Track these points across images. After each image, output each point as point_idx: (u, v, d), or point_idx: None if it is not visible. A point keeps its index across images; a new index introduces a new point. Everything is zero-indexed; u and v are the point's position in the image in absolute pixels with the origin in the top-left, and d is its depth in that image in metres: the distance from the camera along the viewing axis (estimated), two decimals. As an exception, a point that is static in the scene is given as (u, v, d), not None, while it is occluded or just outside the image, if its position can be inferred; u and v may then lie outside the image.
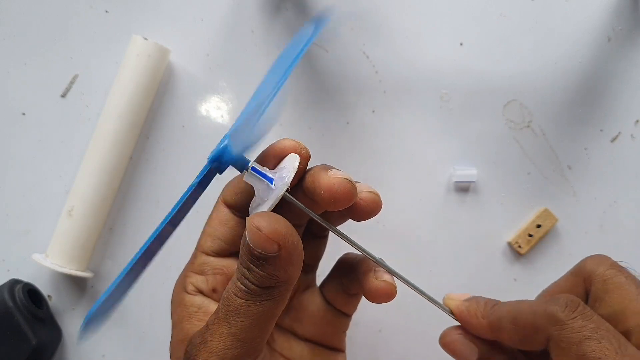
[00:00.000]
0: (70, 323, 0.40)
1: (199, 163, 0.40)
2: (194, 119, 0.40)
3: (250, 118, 0.24)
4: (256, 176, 0.24)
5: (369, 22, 0.40)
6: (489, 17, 0.39)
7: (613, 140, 0.40)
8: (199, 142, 0.40)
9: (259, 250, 0.21)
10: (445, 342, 0.28)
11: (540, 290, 0.40)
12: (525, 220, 0.40)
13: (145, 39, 0.38)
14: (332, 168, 0.24)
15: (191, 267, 0.27)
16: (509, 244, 0.40)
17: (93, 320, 0.23)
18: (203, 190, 0.24)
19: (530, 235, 0.39)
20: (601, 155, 0.40)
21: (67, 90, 0.40)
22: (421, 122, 0.40)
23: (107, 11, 0.40)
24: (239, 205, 0.26)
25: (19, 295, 0.37)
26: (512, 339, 0.24)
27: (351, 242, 0.25)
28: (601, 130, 0.40)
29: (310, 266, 0.29)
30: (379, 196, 0.25)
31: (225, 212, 0.26)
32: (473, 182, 0.39)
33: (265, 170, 0.24)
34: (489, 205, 0.40)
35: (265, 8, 0.40)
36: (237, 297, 0.22)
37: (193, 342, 0.23)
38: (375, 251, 0.29)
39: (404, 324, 0.40)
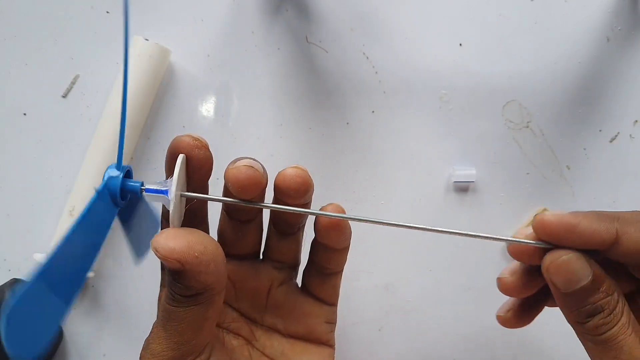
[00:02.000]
0: (71, 322, 0.40)
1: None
2: (195, 119, 0.40)
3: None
4: (152, 195, 0.24)
5: (368, 23, 0.40)
6: (489, 18, 0.39)
7: (612, 140, 0.40)
8: (200, 142, 0.40)
9: (167, 267, 0.22)
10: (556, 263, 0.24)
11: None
12: (524, 220, 0.40)
13: (146, 39, 0.38)
14: (243, 158, 0.24)
15: (162, 282, 0.29)
16: (508, 244, 0.40)
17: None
18: (108, 224, 0.23)
19: (530, 235, 0.39)
20: (600, 156, 0.40)
21: (68, 90, 0.40)
22: (421, 123, 0.40)
23: (108, 12, 0.40)
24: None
25: (20, 295, 0.37)
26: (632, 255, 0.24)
27: (294, 211, 0.25)
28: (600, 131, 0.40)
29: (282, 263, 0.29)
30: (305, 171, 0.25)
31: None
32: (472, 182, 0.40)
33: (158, 184, 0.24)
34: (488, 205, 0.40)
35: (265, 9, 0.40)
36: (168, 304, 0.23)
37: (143, 345, 0.25)
38: (375, 251, 0.29)
39: (404, 323, 0.40)
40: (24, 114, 0.40)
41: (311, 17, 0.40)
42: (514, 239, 0.25)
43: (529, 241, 0.25)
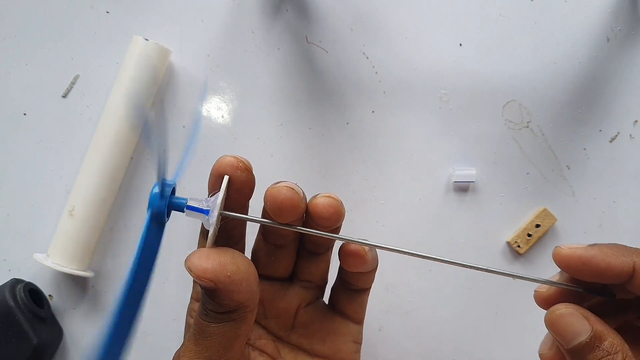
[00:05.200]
0: (71, 322, 0.40)
1: (199, 163, 0.40)
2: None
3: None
4: (193, 212, 0.24)
5: (368, 23, 0.40)
6: (489, 18, 0.39)
7: (612, 140, 0.40)
8: (200, 143, 0.40)
9: (200, 285, 0.23)
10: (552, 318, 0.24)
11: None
12: (524, 220, 0.40)
13: (146, 39, 0.38)
14: (284, 181, 0.25)
15: (192, 294, 0.29)
16: (508, 244, 0.40)
17: None
18: (159, 242, 0.24)
19: (529, 235, 0.39)
20: (600, 156, 0.40)
21: (68, 90, 0.40)
22: (421, 123, 0.40)
23: (108, 12, 0.40)
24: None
25: (20, 295, 0.37)
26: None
27: (327, 236, 0.26)
28: (600, 131, 0.40)
29: (311, 282, 0.29)
30: (337, 200, 0.25)
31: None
32: (472, 182, 0.40)
33: (201, 202, 0.24)
34: (488, 205, 0.40)
35: (265, 9, 0.40)
36: (202, 319, 0.24)
37: (174, 357, 0.25)
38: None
39: (404, 323, 0.40)
40: (24, 114, 0.40)
41: (311, 17, 0.40)
42: (544, 280, 0.25)
43: (560, 283, 0.24)
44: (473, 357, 0.40)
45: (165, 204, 0.24)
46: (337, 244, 0.28)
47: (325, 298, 0.31)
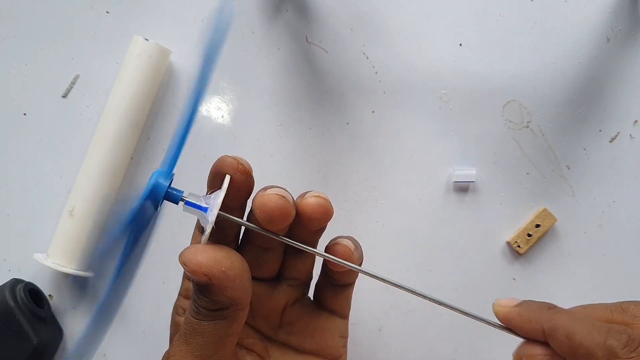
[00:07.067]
0: (71, 322, 0.40)
1: (200, 164, 0.40)
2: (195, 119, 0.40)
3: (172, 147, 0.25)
4: (191, 208, 0.24)
5: (368, 23, 0.40)
6: (489, 18, 0.39)
7: (612, 140, 0.40)
8: (200, 143, 0.40)
9: (194, 280, 0.23)
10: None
11: (539, 290, 0.40)
12: (524, 220, 0.40)
13: (146, 39, 0.38)
14: (274, 187, 0.25)
15: (180, 291, 0.29)
16: (508, 244, 0.40)
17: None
18: (143, 229, 0.24)
19: (529, 235, 0.39)
20: (600, 156, 0.40)
21: (68, 90, 0.40)
22: (420, 123, 0.40)
23: (108, 12, 0.40)
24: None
25: (20, 295, 0.37)
26: (563, 350, 0.24)
27: (313, 252, 0.26)
28: (600, 131, 0.40)
29: (297, 280, 0.29)
30: (327, 200, 0.25)
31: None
32: (472, 182, 0.40)
33: (200, 199, 0.24)
34: (488, 205, 0.40)
35: (265, 9, 0.40)
36: (193, 317, 0.24)
37: (163, 357, 0.25)
38: (375, 251, 0.29)
39: (404, 323, 0.40)
40: (24, 114, 0.40)
41: (311, 17, 0.40)
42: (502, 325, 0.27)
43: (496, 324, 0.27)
44: (473, 357, 0.40)
45: (167, 186, 0.24)
46: (323, 243, 0.28)
47: (310, 294, 0.31)
